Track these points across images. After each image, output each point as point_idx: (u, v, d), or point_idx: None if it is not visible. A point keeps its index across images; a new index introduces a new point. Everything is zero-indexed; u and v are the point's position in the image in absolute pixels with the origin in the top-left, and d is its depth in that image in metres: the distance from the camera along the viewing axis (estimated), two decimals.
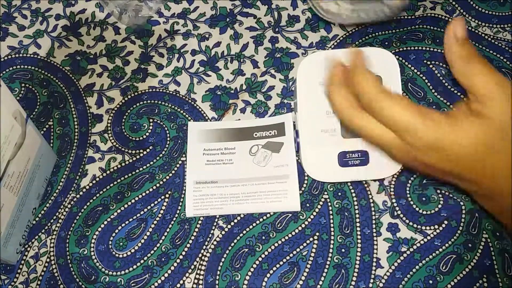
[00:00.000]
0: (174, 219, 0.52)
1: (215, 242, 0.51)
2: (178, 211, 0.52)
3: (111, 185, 0.54)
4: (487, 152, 0.40)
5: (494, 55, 0.58)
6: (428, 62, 0.58)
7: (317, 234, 0.51)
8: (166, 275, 0.50)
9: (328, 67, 0.47)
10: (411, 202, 0.52)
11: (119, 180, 0.54)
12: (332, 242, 0.50)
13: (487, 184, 0.42)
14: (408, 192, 0.52)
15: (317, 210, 0.52)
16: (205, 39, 0.61)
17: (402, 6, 0.55)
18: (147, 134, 0.56)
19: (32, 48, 0.61)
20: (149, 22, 0.62)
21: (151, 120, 0.57)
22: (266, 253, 0.50)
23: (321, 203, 0.52)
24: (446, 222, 0.51)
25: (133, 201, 0.53)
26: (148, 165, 0.54)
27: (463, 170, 0.42)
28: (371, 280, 0.49)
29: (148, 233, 0.51)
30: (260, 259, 0.50)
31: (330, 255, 0.50)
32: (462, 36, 0.42)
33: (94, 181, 0.54)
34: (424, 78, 0.57)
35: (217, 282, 0.49)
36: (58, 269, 0.50)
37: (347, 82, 0.45)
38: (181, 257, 0.50)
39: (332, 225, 0.51)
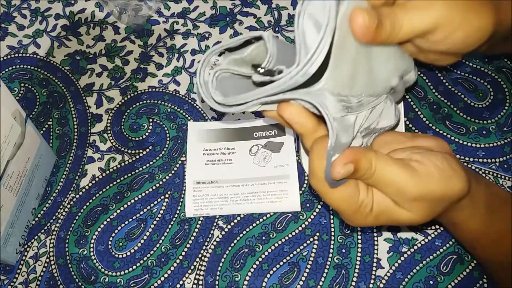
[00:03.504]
0: (174, 219, 0.52)
1: (215, 243, 0.51)
2: (178, 211, 0.52)
3: (111, 185, 0.54)
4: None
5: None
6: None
7: (318, 234, 0.51)
8: (165, 275, 0.50)
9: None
10: None
11: (118, 180, 0.54)
12: (332, 242, 0.50)
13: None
14: None
15: (317, 210, 0.52)
16: (205, 39, 0.61)
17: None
18: (147, 134, 0.56)
19: (31, 48, 0.61)
20: (148, 21, 0.62)
21: (150, 120, 0.56)
22: (266, 253, 0.50)
23: (321, 203, 0.52)
24: None
25: (132, 201, 0.53)
26: (147, 165, 0.54)
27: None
28: (372, 281, 0.49)
29: (147, 233, 0.51)
30: (260, 259, 0.50)
31: (330, 255, 0.50)
32: None
33: (93, 181, 0.54)
34: (424, 77, 0.57)
35: (217, 282, 0.49)
36: (57, 269, 0.50)
37: None
38: (180, 257, 0.50)
39: (332, 225, 0.51)
